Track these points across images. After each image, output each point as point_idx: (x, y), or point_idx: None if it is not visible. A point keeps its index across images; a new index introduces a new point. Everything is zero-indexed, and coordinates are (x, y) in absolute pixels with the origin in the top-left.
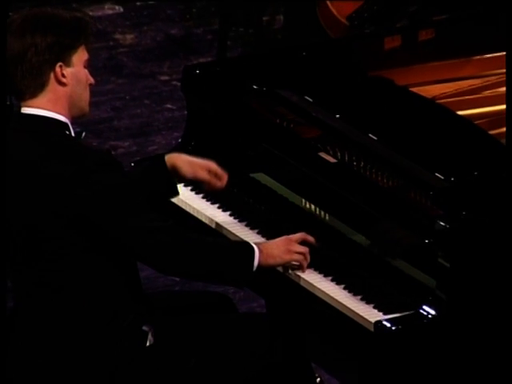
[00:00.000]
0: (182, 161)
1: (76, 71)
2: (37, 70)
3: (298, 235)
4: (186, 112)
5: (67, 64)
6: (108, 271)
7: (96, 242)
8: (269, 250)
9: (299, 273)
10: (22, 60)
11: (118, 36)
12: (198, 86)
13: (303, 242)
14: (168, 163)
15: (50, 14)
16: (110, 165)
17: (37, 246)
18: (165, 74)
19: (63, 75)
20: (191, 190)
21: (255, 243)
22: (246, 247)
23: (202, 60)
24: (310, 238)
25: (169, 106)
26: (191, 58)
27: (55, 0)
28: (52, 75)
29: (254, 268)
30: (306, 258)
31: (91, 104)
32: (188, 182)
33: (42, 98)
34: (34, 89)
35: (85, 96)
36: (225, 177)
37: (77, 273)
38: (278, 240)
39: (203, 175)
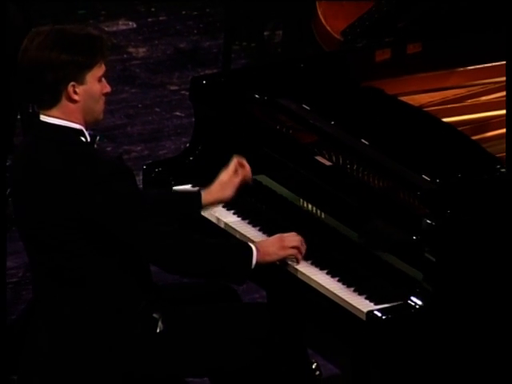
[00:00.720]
0: (217, 194)
1: (89, 88)
2: (50, 86)
3: (295, 237)
4: (193, 119)
5: (80, 82)
6: (120, 266)
7: (108, 243)
8: (265, 248)
9: (296, 265)
10: (37, 75)
11: (131, 49)
12: (204, 95)
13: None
14: (205, 201)
15: (69, 32)
16: (121, 173)
17: (53, 244)
18: (174, 84)
19: (75, 93)
20: (198, 190)
21: (252, 242)
22: (245, 247)
23: (208, 71)
24: (303, 247)
25: (178, 113)
26: (198, 69)
27: (73, 16)
28: (64, 93)
29: (253, 266)
30: (300, 251)
31: (107, 111)
32: (197, 186)
33: (57, 110)
34: (49, 102)
35: (98, 107)
36: (244, 164)
37: (92, 267)
38: (272, 238)
39: (237, 182)
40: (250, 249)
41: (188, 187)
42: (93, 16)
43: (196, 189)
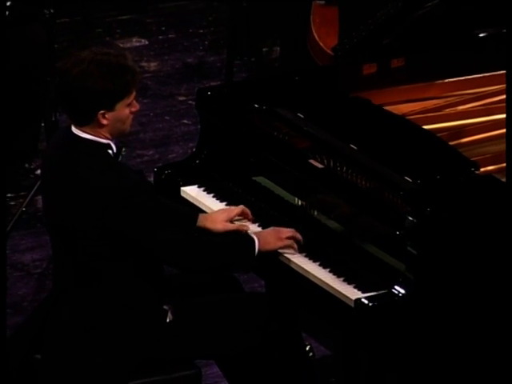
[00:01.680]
0: (211, 221)
1: (117, 114)
2: (83, 112)
3: (289, 229)
4: (199, 126)
5: (110, 110)
6: (136, 267)
7: (126, 247)
8: (264, 238)
9: (292, 257)
10: (73, 100)
11: (143, 64)
12: (209, 104)
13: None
14: (200, 224)
15: (106, 63)
16: (142, 188)
17: (76, 244)
18: (182, 95)
19: (104, 118)
20: (203, 190)
21: (253, 233)
22: (248, 239)
23: (212, 83)
24: (298, 236)
25: (185, 121)
26: (204, 81)
27: (91, 34)
28: (95, 118)
29: (256, 254)
30: (295, 242)
31: None
32: (203, 186)
33: (87, 127)
34: (80, 122)
35: (125, 127)
36: (249, 215)
37: (110, 267)
38: (270, 229)
39: (233, 227)
40: (253, 240)
41: (194, 187)
42: (109, 34)
43: (195, 213)
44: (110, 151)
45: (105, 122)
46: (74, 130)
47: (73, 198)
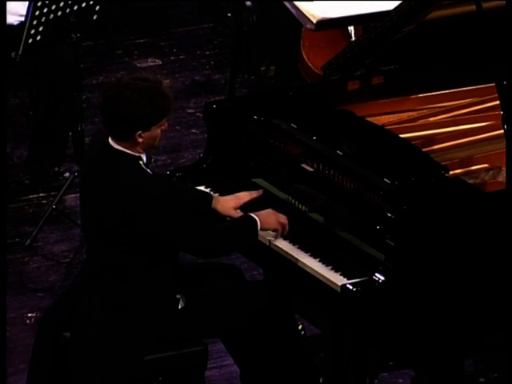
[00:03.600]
0: (220, 204)
1: (152, 133)
2: (122, 131)
3: (284, 216)
4: (206, 135)
5: (146, 130)
6: (156, 260)
7: (149, 245)
8: (265, 218)
9: (286, 247)
10: (115, 120)
11: None
12: (215, 116)
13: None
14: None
15: (147, 91)
16: (169, 194)
17: (107, 241)
18: (191, 108)
19: (140, 137)
20: (210, 190)
21: (254, 214)
22: (251, 219)
23: (217, 98)
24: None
25: (194, 130)
26: (210, 96)
27: (112, 55)
28: (132, 137)
29: (259, 230)
30: (284, 229)
31: None
32: (209, 187)
33: (123, 143)
34: (119, 138)
35: (155, 143)
36: (259, 193)
37: (133, 261)
38: (269, 210)
39: (236, 214)
40: (255, 220)
41: (202, 188)
42: (128, 55)
43: (209, 195)
44: (141, 162)
45: (140, 140)
46: (112, 142)
47: (107, 202)
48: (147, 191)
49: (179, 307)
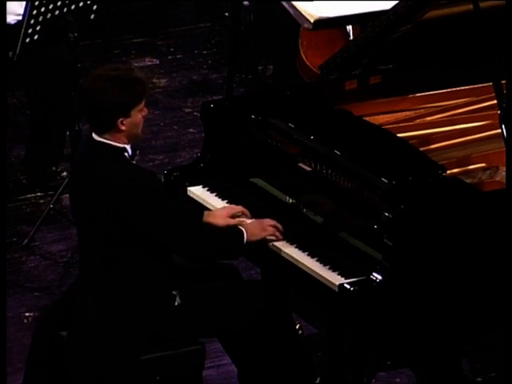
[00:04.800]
0: (213, 217)
1: (133, 119)
2: (104, 121)
3: (269, 219)
4: (203, 135)
5: (127, 116)
6: (150, 255)
7: (142, 237)
8: (251, 230)
9: (284, 246)
10: (94, 112)
11: (154, 80)
12: (212, 116)
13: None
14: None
15: (120, 78)
16: (154, 186)
17: (98, 236)
18: (188, 107)
19: (122, 124)
20: (207, 190)
21: (242, 226)
22: (238, 231)
23: (215, 97)
24: (278, 225)
25: (191, 130)
26: (207, 96)
27: (110, 55)
28: (115, 125)
29: (244, 243)
30: (277, 229)
31: None
32: (207, 186)
33: (107, 134)
34: (101, 130)
35: (139, 131)
36: (246, 212)
37: (127, 256)
38: (254, 221)
39: (233, 222)
40: (242, 231)
41: (199, 187)
42: (125, 55)
43: (200, 209)
44: (126, 154)
45: (123, 127)
46: (95, 136)
47: (95, 195)
48: (132, 183)
49: (175, 304)
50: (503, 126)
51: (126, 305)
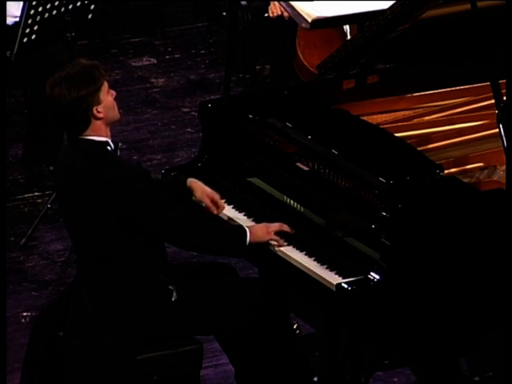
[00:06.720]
0: (196, 186)
1: (105, 103)
2: (82, 117)
3: (277, 224)
4: (201, 134)
5: (98, 103)
6: (143, 248)
7: (135, 228)
8: (256, 232)
9: (280, 247)
10: (69, 114)
11: (152, 80)
12: (210, 115)
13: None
14: (188, 184)
15: (73, 74)
16: (141, 175)
17: (90, 232)
18: (186, 107)
19: (98, 112)
20: None
21: (246, 226)
22: (242, 229)
23: (212, 97)
24: (286, 228)
25: (189, 129)
26: (205, 95)
27: (107, 54)
28: (92, 117)
29: (247, 244)
30: (285, 231)
31: (134, 129)
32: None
33: (87, 131)
34: (80, 130)
35: (115, 113)
36: (222, 207)
37: (121, 250)
38: (260, 225)
39: (206, 202)
40: (245, 230)
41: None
42: (123, 54)
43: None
44: (109, 147)
45: (100, 115)
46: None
47: (83, 192)
48: (118, 174)
49: (172, 299)
50: (501, 126)
51: (123, 301)
